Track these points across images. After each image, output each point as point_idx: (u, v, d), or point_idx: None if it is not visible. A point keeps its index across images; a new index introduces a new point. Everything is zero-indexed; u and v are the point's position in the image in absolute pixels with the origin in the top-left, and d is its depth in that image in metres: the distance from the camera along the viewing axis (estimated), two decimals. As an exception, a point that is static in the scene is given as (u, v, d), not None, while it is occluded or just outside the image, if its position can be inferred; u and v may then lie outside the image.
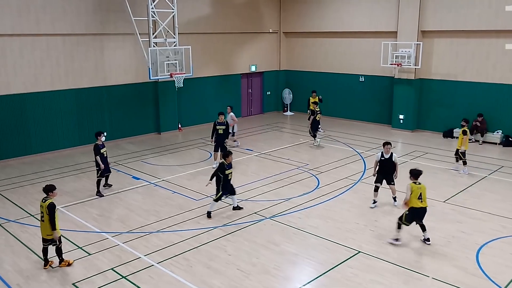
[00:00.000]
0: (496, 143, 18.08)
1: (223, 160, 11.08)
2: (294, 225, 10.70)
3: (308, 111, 20.26)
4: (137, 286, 8.21)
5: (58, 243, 8.74)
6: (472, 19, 18.04)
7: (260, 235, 10.24)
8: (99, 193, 12.77)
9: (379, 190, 11.76)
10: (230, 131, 16.62)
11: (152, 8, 16.56)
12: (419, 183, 9.45)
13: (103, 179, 13.07)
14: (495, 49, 17.97)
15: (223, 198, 11.22)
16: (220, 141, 14.84)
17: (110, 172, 13.29)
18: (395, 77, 20.53)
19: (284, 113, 25.51)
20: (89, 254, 9.41)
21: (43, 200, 8.66)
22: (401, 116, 20.65)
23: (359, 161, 15.84)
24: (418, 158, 16.22)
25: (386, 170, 11.50)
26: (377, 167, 11.65)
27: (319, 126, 18.18)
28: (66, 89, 17.30)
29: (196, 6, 20.88)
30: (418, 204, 9.30)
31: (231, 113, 17.57)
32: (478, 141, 18.30)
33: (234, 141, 17.90)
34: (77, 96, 17.63)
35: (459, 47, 18.94)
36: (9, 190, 13.33)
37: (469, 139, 18.17)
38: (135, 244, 9.83)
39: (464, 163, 14.41)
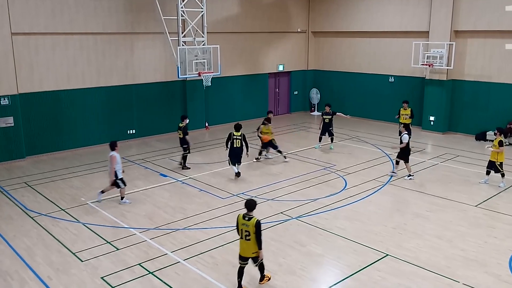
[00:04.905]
0: (531, 147, 17.52)
1: None
2: (321, 226, 10.60)
3: (402, 125, 15.73)
4: (164, 282, 8.27)
5: (261, 260, 7.98)
6: (507, 19, 17.50)
7: (287, 235, 10.18)
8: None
9: None
10: None
11: (182, 8, 16.71)
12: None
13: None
14: (531, 50, 17.43)
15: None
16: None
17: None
18: (426, 77, 20.10)
19: (311, 113, 25.33)
20: (117, 249, 9.55)
21: (245, 218, 7.65)
22: (431, 118, 20.21)
23: (388, 163, 15.58)
24: (449, 161, 15.84)
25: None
26: None
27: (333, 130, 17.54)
28: (97, 87, 17.64)
29: (225, 6, 20.96)
30: None
31: None
32: (512, 144, 17.76)
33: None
34: (107, 94, 17.94)
35: (493, 48, 18.40)
36: (42, 184, 13.67)
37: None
38: (162, 240, 9.93)
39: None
